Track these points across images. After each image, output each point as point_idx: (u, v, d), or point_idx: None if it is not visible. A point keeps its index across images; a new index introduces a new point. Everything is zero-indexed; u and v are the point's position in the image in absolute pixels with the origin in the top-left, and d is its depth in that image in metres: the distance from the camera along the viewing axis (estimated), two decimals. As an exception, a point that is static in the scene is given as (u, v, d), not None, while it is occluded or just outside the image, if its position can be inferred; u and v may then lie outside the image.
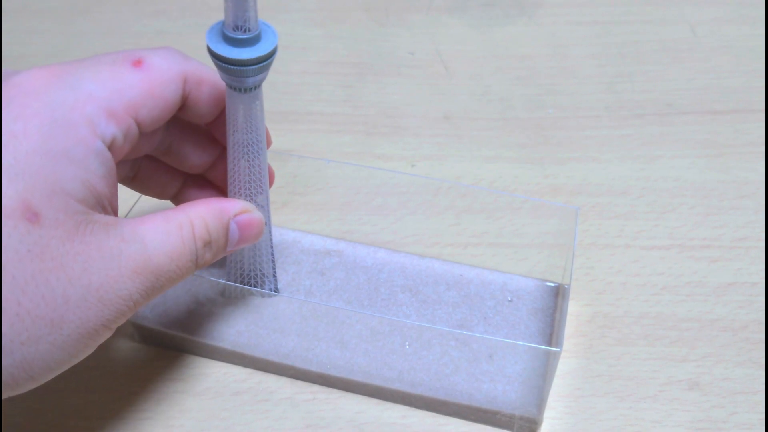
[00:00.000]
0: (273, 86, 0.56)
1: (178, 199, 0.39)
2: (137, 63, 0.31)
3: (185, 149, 0.37)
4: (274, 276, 0.41)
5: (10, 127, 0.27)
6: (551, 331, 0.40)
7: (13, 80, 0.29)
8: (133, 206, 0.41)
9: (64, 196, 0.28)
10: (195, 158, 0.37)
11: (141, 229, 0.30)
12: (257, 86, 0.33)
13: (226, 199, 0.35)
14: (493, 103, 0.56)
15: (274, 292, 0.41)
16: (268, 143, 0.38)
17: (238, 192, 0.36)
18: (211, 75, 0.34)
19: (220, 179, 0.39)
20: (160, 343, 0.41)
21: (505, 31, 0.62)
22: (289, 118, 0.54)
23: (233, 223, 0.34)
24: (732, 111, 0.54)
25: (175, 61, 0.32)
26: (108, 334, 0.29)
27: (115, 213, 0.31)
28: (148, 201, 0.41)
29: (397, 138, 0.53)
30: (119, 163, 0.34)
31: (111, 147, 0.30)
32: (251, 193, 0.36)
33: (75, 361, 0.29)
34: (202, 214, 0.32)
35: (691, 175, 0.50)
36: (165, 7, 0.64)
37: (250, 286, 0.40)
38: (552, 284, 0.43)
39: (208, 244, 0.32)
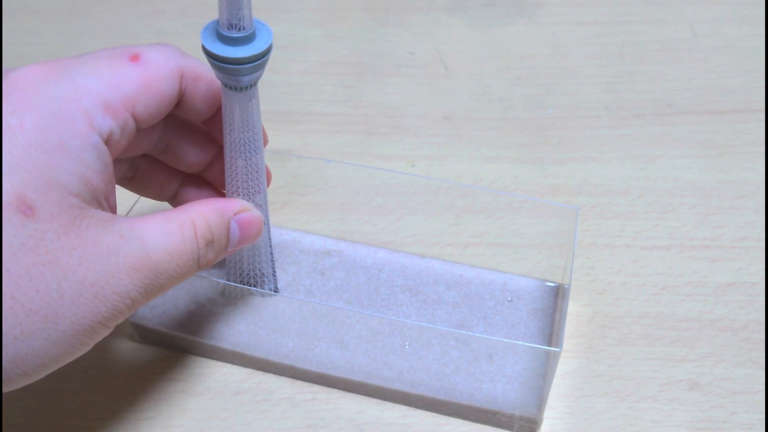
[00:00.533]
0: (272, 86, 0.56)
1: (176, 201, 0.39)
2: (134, 58, 0.31)
3: (182, 147, 0.37)
4: (274, 276, 0.41)
5: (6, 121, 0.27)
6: (551, 331, 0.40)
7: (11, 75, 0.29)
8: (132, 207, 0.41)
9: (59, 189, 0.27)
10: (192, 156, 0.37)
11: (140, 227, 0.30)
12: (253, 85, 0.33)
13: (224, 198, 0.35)
14: (493, 103, 0.56)
15: (274, 292, 0.41)
16: (265, 142, 0.37)
17: (236, 191, 0.36)
18: (208, 72, 0.34)
19: (217, 179, 0.39)
20: (160, 343, 0.41)
21: (505, 31, 0.62)
22: (289, 118, 0.54)
23: (234, 221, 0.34)
24: (732, 111, 0.54)
25: (172, 57, 0.32)
26: (105, 332, 0.29)
27: (113, 211, 0.31)
28: (147, 203, 0.41)
29: (397, 138, 0.53)
30: (117, 163, 0.34)
31: (108, 141, 0.30)
32: (249, 192, 0.36)
33: (70, 359, 0.29)
34: (204, 213, 0.32)
35: (691, 175, 0.50)
36: (165, 7, 0.64)
37: (250, 286, 0.40)
38: (552, 284, 0.43)
39: (210, 243, 0.32)
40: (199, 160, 0.38)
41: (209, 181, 0.39)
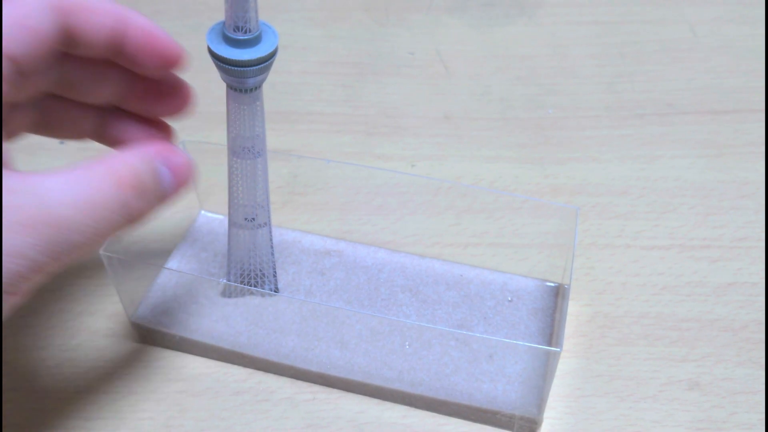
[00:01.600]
0: (273, 86, 0.56)
1: (101, 137, 0.36)
2: None
3: (88, 81, 0.33)
4: (274, 276, 0.41)
5: None
6: (551, 331, 0.40)
7: None
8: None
9: None
10: (102, 89, 0.34)
11: (32, 180, 0.27)
12: (258, 87, 0.33)
13: (147, 143, 0.32)
14: (493, 103, 0.56)
15: (274, 292, 0.41)
16: None
17: (238, 191, 0.36)
18: (95, 3, 0.30)
19: (138, 108, 0.35)
20: (160, 343, 0.41)
21: (505, 31, 0.62)
22: (289, 118, 0.54)
23: (161, 165, 0.31)
24: (732, 111, 0.54)
25: None
26: (12, 300, 0.26)
27: (5, 165, 0.28)
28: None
29: (397, 138, 0.53)
30: (20, 109, 0.32)
31: None
32: (251, 192, 0.36)
33: None
34: (127, 161, 0.29)
35: (691, 175, 0.50)
36: (165, 7, 0.64)
37: (251, 286, 0.40)
38: (552, 284, 0.43)
39: (138, 190, 0.29)
40: (110, 92, 0.34)
41: (132, 111, 0.35)
